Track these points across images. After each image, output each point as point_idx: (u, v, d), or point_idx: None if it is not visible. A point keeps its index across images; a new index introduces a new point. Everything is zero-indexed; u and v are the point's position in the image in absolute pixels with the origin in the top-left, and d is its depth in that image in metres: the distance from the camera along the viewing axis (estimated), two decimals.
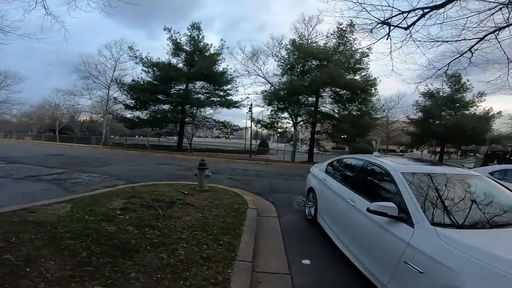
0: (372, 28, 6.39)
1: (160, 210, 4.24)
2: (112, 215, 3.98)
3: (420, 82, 9.61)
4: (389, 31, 6.34)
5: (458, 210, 2.54)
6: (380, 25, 6.15)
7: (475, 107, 22.58)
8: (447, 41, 8.63)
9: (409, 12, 5.71)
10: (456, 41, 8.24)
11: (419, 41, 8.84)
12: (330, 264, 3.48)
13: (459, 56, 8.50)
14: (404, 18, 5.93)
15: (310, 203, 5.28)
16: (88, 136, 31.51)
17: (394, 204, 2.55)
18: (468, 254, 1.88)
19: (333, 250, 3.75)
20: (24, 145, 21.35)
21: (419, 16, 5.77)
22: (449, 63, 9.17)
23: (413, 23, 6.10)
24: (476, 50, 8.08)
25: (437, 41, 8.82)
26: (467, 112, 22.56)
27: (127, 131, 41.38)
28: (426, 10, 5.65)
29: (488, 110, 22.02)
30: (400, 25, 6.24)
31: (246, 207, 5.34)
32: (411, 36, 6.37)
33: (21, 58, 62.84)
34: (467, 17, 7.35)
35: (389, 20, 6.04)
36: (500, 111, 22.10)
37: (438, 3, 5.55)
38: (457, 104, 22.69)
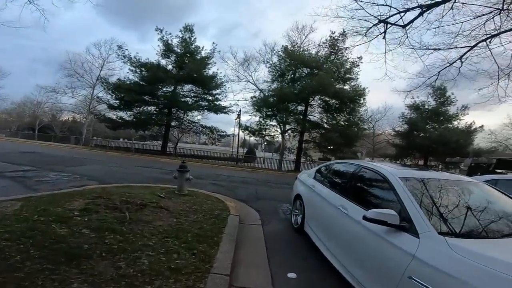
0: (366, 31, 6.27)
1: (127, 213, 3.74)
2: (68, 216, 3.45)
3: (410, 91, 9.68)
4: (386, 29, 6.22)
5: (466, 218, 2.26)
6: (374, 27, 6.03)
7: (458, 120, 23.26)
8: (439, 49, 8.62)
9: (407, 10, 5.60)
10: (448, 48, 8.24)
11: (412, 48, 8.87)
12: (318, 278, 3.10)
13: (450, 65, 8.55)
14: (401, 18, 5.83)
15: (297, 211, 4.90)
16: (68, 136, 30.09)
17: (394, 211, 2.22)
18: (488, 266, 1.59)
19: (321, 261, 3.37)
20: None
21: (417, 14, 5.67)
22: (439, 72, 9.21)
23: (412, 21, 6.01)
24: (466, 59, 8.13)
25: (429, 49, 8.82)
26: (451, 125, 23.19)
27: (111, 133, 40.02)
28: (424, 8, 5.55)
29: (471, 124, 22.69)
30: (397, 23, 6.13)
31: (227, 214, 4.90)
32: (407, 37, 6.27)
33: (9, 54, 60.72)
34: (462, 22, 7.33)
35: (387, 19, 5.92)
36: (482, 125, 22.86)
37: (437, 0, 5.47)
38: (441, 118, 23.30)
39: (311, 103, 20.14)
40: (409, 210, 2.23)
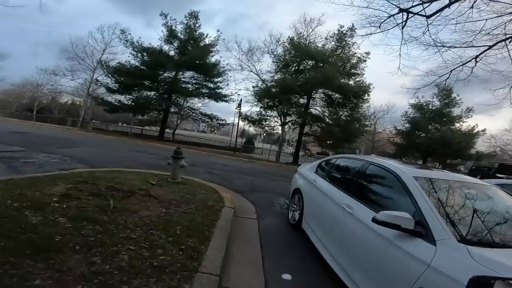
0: (382, 22, 5.86)
1: (111, 201, 3.46)
2: (45, 202, 3.16)
3: (419, 89, 9.34)
4: (406, 19, 5.81)
5: (488, 225, 2.00)
6: (390, 18, 5.62)
7: (461, 122, 22.98)
8: (454, 47, 8.28)
9: (433, 0, 5.19)
10: (465, 47, 7.87)
11: (427, 44, 8.49)
12: (315, 281, 2.86)
13: (463, 64, 8.24)
14: (423, 8, 5.41)
15: (295, 206, 4.64)
16: (65, 118, 29.60)
17: (409, 215, 1.95)
18: None
19: (319, 263, 3.12)
20: None
21: (445, 4, 5.26)
22: (451, 71, 8.90)
23: (438, 11, 5.57)
24: (481, 59, 7.79)
25: (444, 46, 8.47)
26: (453, 127, 22.95)
27: (110, 117, 39.53)
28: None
29: (473, 127, 22.41)
30: (420, 13, 5.71)
31: (221, 205, 4.62)
32: (428, 30, 5.85)
33: (13, 37, 59.58)
34: (482, 20, 6.93)
35: (409, 8, 5.51)
36: (485, 129, 22.56)
37: None
38: (444, 119, 23.02)
39: (314, 96, 19.71)
40: (425, 214, 1.96)
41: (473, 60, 7.25)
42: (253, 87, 19.90)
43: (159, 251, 2.61)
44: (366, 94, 18.26)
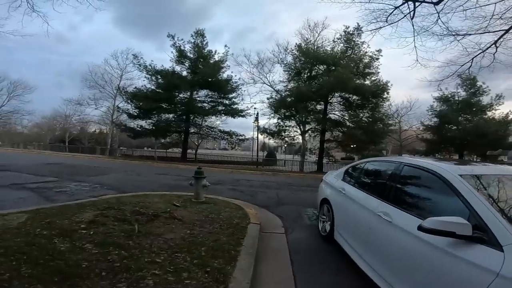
0: (389, 15, 5.62)
1: (136, 225, 3.41)
2: (73, 229, 3.19)
3: (442, 80, 8.86)
4: (414, 8, 5.54)
5: None
6: (396, 10, 5.38)
7: (493, 111, 21.45)
8: (469, 34, 7.93)
9: None
10: (481, 33, 7.56)
11: (440, 35, 8.12)
12: None
13: (483, 51, 7.87)
14: None
15: (324, 217, 4.36)
16: (94, 147, 31.28)
17: (463, 219, 1.68)
18: None
19: (357, 276, 2.83)
20: (27, 155, 21.06)
21: None
22: (472, 59, 8.51)
23: None
24: (500, 44, 7.40)
25: (459, 34, 8.12)
26: (485, 116, 21.46)
27: (136, 143, 41.24)
28: None
29: (507, 113, 20.76)
30: (427, 0, 5.43)
31: (247, 222, 4.45)
32: (439, 18, 5.54)
33: (35, 68, 64.99)
34: (494, 3, 6.59)
35: None
36: None
37: None
38: (474, 109, 21.65)
39: (331, 100, 19.30)
40: (483, 217, 1.69)
41: (493, 45, 6.82)
42: (268, 98, 19.95)
43: (184, 274, 2.48)
44: (385, 92, 17.59)
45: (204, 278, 2.47)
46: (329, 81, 16.28)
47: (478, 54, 8.06)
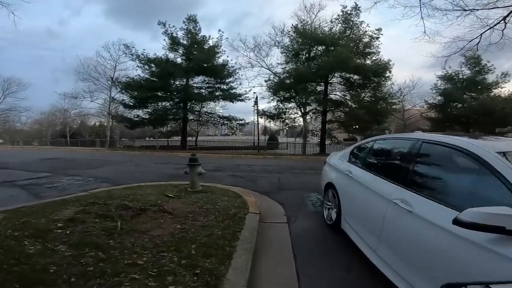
0: None
1: (119, 222, 3.07)
2: (48, 229, 2.88)
3: (449, 56, 8.60)
4: None
5: None
6: None
7: (499, 88, 20.96)
8: (477, 9, 7.63)
9: None
10: (490, 8, 7.18)
11: (444, 10, 7.80)
12: None
13: (492, 27, 7.66)
14: None
15: (330, 204, 4.00)
16: (93, 140, 31.05)
17: None
18: None
19: (371, 273, 2.48)
20: (25, 151, 20.79)
21: None
22: (481, 34, 8.24)
23: None
24: (509, 20, 7.07)
25: (465, 10, 7.83)
26: (491, 94, 21.01)
27: (137, 133, 40.95)
28: None
29: None
30: None
31: (245, 212, 4.11)
32: None
33: (29, 66, 64.12)
34: None
35: None
36: None
37: None
38: (479, 87, 21.19)
39: (331, 81, 18.61)
40: None
41: (502, 22, 6.40)
42: (266, 81, 19.28)
43: (168, 278, 2.15)
44: (387, 71, 16.85)
45: (192, 282, 2.13)
46: (328, 61, 15.58)
47: (487, 30, 7.78)
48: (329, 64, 15.68)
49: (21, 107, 33.33)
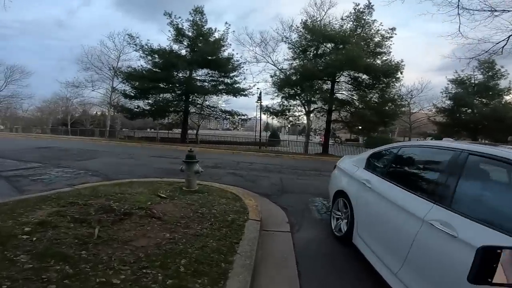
0: None
1: (97, 228, 2.63)
2: (13, 234, 2.45)
3: (473, 58, 8.21)
4: None
5: None
6: None
7: (510, 95, 20.42)
8: (508, 10, 7.38)
9: None
10: None
11: (470, 9, 7.48)
12: None
13: None
14: None
15: (339, 214, 3.56)
16: (93, 129, 30.69)
17: None
18: None
19: None
20: (22, 139, 20.38)
21: None
22: (509, 37, 7.94)
23: None
24: None
25: (495, 10, 7.58)
26: (503, 100, 20.52)
27: (138, 124, 40.58)
28: None
29: None
30: None
31: (245, 218, 3.69)
32: None
33: (37, 54, 64.51)
34: None
35: None
36: None
37: None
38: (490, 92, 20.64)
39: (338, 80, 18.07)
40: None
41: None
42: (271, 76, 18.77)
43: None
44: (399, 72, 16.28)
45: None
46: (338, 59, 15.03)
47: None
48: (338, 62, 15.15)
49: (23, 94, 33.13)
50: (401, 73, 16.24)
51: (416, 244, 1.90)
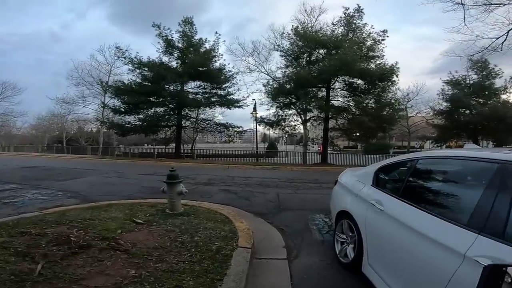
0: None
1: (40, 263, 2.07)
2: None
3: (473, 55, 7.86)
4: None
5: None
6: None
7: (507, 94, 20.14)
8: (503, 4, 7.20)
9: None
10: None
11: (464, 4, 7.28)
12: None
13: None
14: None
15: (344, 237, 3.02)
16: (85, 147, 30.07)
17: None
18: None
19: None
20: (10, 158, 19.67)
21: None
22: (508, 32, 7.68)
23: None
24: None
25: (491, 4, 7.36)
26: (500, 99, 20.21)
27: (134, 140, 39.88)
28: None
29: None
30: None
31: (233, 246, 3.13)
32: None
33: (32, 70, 64.65)
34: None
35: None
36: None
37: None
38: (486, 92, 20.34)
39: (333, 86, 17.76)
40: None
41: None
42: (264, 85, 18.39)
43: None
44: (394, 75, 16.01)
45: None
46: (332, 64, 14.74)
47: None
48: (333, 67, 14.82)
49: (15, 112, 32.31)
50: (397, 76, 15.96)
51: (455, 285, 1.37)
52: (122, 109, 18.62)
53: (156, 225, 3.64)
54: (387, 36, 16.73)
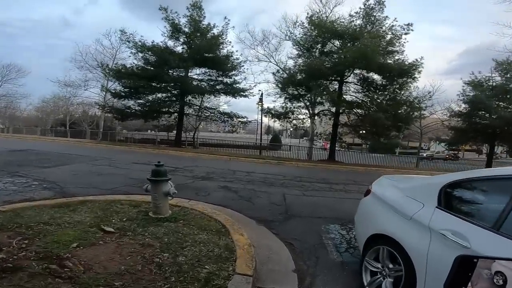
0: None
1: None
2: None
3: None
4: None
5: None
6: None
7: None
8: None
9: None
10: None
11: None
12: None
13: None
14: None
15: (378, 267, 2.18)
16: (83, 130, 29.51)
17: None
18: None
19: None
20: (5, 140, 18.91)
21: None
22: None
23: None
24: None
25: None
26: None
27: (138, 126, 39.17)
28: None
29: None
30: None
31: (229, 271, 2.33)
32: None
33: (42, 54, 64.54)
34: None
35: None
36: None
37: None
38: (509, 96, 18.92)
39: (346, 80, 16.65)
40: None
41: None
42: (274, 74, 17.41)
43: None
44: (417, 72, 14.78)
45: None
46: (350, 55, 13.61)
47: None
48: (350, 59, 13.70)
49: (19, 94, 32.13)
50: (419, 72, 14.75)
51: None
52: (123, 93, 17.78)
53: (131, 235, 2.82)
54: (412, 30, 15.43)
